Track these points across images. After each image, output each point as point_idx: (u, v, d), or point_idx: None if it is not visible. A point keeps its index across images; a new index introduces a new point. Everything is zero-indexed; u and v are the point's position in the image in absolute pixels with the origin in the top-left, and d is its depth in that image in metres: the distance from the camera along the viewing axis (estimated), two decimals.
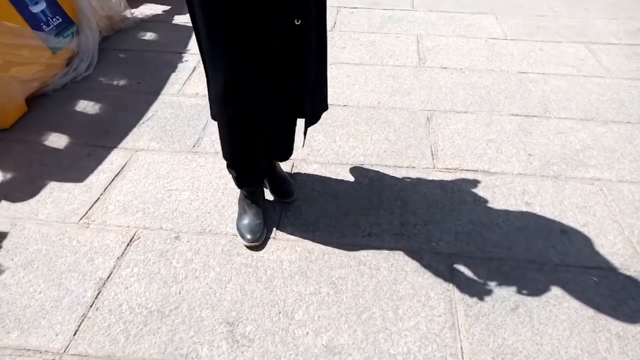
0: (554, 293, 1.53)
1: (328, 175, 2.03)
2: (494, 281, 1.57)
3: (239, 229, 1.73)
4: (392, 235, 1.74)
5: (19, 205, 1.87)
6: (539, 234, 1.75)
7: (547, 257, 1.66)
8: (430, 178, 2.01)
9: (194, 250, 1.68)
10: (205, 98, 2.51)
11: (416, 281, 1.57)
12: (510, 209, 1.86)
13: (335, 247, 1.69)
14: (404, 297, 1.52)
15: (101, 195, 1.91)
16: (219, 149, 1.66)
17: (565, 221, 1.80)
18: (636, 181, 1.99)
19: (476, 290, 1.54)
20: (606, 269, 1.62)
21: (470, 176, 2.02)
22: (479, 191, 1.94)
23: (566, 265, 1.63)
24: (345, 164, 2.09)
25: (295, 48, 1.42)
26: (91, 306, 1.48)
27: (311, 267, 1.61)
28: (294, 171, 2.06)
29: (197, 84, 2.66)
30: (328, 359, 1.35)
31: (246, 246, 1.69)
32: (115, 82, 2.70)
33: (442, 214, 1.84)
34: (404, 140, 2.23)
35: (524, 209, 1.86)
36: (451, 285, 1.56)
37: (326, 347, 1.38)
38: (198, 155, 2.13)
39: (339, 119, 2.37)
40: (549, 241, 1.72)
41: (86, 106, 2.49)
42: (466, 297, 1.52)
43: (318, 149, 2.18)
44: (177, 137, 2.25)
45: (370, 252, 1.67)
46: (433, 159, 2.12)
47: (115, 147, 2.18)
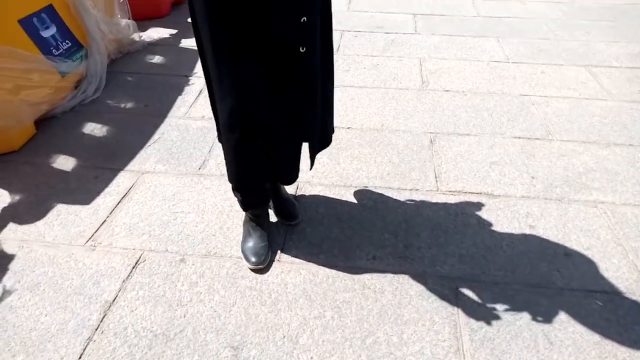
0: (558, 317, 1.53)
1: (332, 197, 2.05)
2: (498, 305, 1.57)
3: (243, 251, 1.74)
4: (396, 258, 1.74)
5: (26, 227, 1.89)
6: (543, 257, 1.75)
7: (551, 280, 1.66)
8: (434, 200, 2.02)
9: (199, 273, 1.69)
10: (211, 121, 2.55)
11: (421, 305, 1.57)
12: (514, 231, 1.86)
13: (340, 270, 1.70)
14: (408, 321, 1.52)
15: (108, 217, 1.93)
16: (225, 171, 1.68)
17: (569, 244, 1.81)
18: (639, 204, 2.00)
19: (481, 315, 1.54)
20: (611, 292, 1.62)
21: (474, 199, 2.03)
22: (483, 214, 1.95)
23: (570, 289, 1.63)
24: (349, 186, 2.11)
25: (301, 75, 1.46)
26: (96, 329, 1.49)
27: (315, 291, 1.62)
28: (299, 193, 2.07)
29: (203, 107, 2.70)
30: None
31: (251, 269, 1.70)
32: (123, 105, 2.75)
33: (446, 236, 1.84)
34: (407, 163, 2.25)
35: (527, 231, 1.86)
36: (456, 309, 1.56)
37: None
38: (204, 177, 2.16)
39: (343, 141, 2.40)
40: (553, 264, 1.72)
41: (94, 129, 2.53)
42: (471, 321, 1.52)
43: (322, 171, 2.20)
44: (183, 159, 2.28)
45: (375, 275, 1.68)
46: (436, 181, 2.13)
47: (122, 169, 2.21)
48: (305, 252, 1.77)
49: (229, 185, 1.73)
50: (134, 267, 1.71)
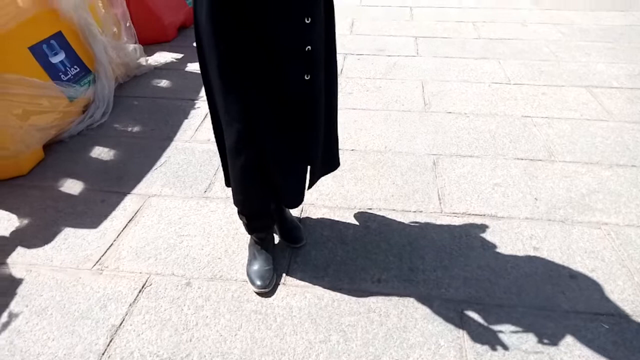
0: (565, 341, 1.53)
1: (337, 220, 2.06)
2: (504, 328, 1.57)
3: (249, 275, 1.75)
4: (401, 281, 1.75)
5: (34, 251, 1.91)
6: (548, 279, 1.76)
7: (557, 303, 1.66)
8: (438, 223, 2.04)
9: (204, 297, 1.69)
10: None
11: (426, 328, 1.57)
12: (518, 254, 1.87)
13: (345, 293, 1.70)
14: (414, 345, 1.52)
15: (114, 241, 1.95)
16: (230, 194, 1.70)
17: (573, 266, 1.81)
18: None
19: (486, 338, 1.54)
20: (617, 315, 1.62)
21: (478, 221, 2.04)
22: (487, 236, 1.96)
23: (576, 312, 1.63)
24: (353, 208, 2.13)
25: (305, 101, 1.49)
26: (103, 354, 1.49)
27: (321, 314, 1.62)
28: (303, 215, 2.09)
29: (208, 130, 2.74)
30: None
31: (256, 292, 1.71)
32: (130, 129, 2.79)
33: (451, 259, 1.85)
34: (411, 185, 2.27)
35: (532, 253, 1.87)
36: (461, 332, 1.56)
37: None
38: (209, 200, 2.18)
39: (347, 163, 2.42)
40: (558, 287, 1.72)
41: (101, 152, 2.57)
42: (477, 345, 1.51)
43: (327, 193, 2.22)
44: (189, 182, 2.30)
45: (380, 298, 1.68)
46: (440, 203, 2.15)
47: (129, 192, 2.23)
48: (310, 275, 1.78)
49: (235, 208, 1.75)
50: (140, 291, 1.72)
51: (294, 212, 2.06)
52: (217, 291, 1.72)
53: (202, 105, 3.02)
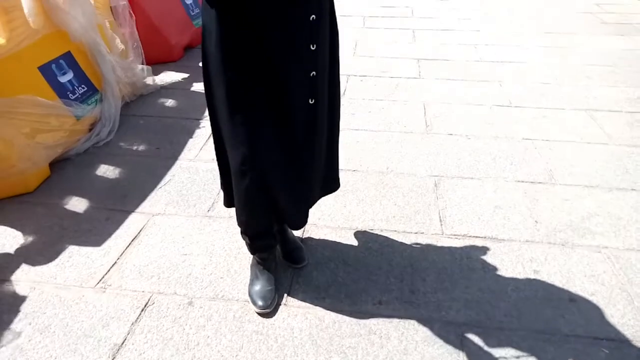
0: None
1: (338, 240, 2.08)
2: (504, 352, 1.57)
3: (250, 295, 1.77)
4: (402, 303, 1.76)
5: (38, 268, 1.93)
6: (548, 302, 1.76)
7: (557, 327, 1.67)
8: (439, 244, 2.05)
9: (206, 316, 1.71)
10: None
11: (426, 351, 1.58)
12: (519, 276, 1.88)
13: (346, 314, 1.71)
14: None
15: (118, 259, 1.97)
16: (233, 213, 1.73)
17: (573, 290, 1.82)
18: None
19: None
20: (617, 340, 1.62)
21: (479, 243, 2.06)
22: (488, 258, 1.97)
23: (576, 336, 1.63)
24: (355, 228, 2.15)
25: (309, 124, 1.53)
26: None
27: (322, 336, 1.63)
28: (305, 235, 2.11)
29: (213, 150, 2.75)
30: None
31: (257, 313, 1.72)
32: (135, 147, 2.83)
33: (452, 281, 1.86)
34: (412, 206, 2.29)
35: (532, 276, 1.88)
36: (462, 354, 1.57)
37: None
38: (212, 219, 2.20)
39: (349, 183, 2.45)
40: (558, 310, 1.73)
41: (106, 170, 2.60)
42: None
43: (329, 213, 2.24)
44: (193, 201, 2.33)
45: (381, 320, 1.69)
46: (441, 224, 2.17)
47: (133, 211, 2.26)
48: (311, 296, 1.79)
49: (237, 227, 1.77)
50: (142, 310, 1.73)
51: (296, 232, 2.08)
52: (219, 311, 1.73)
53: (206, 125, 3.06)
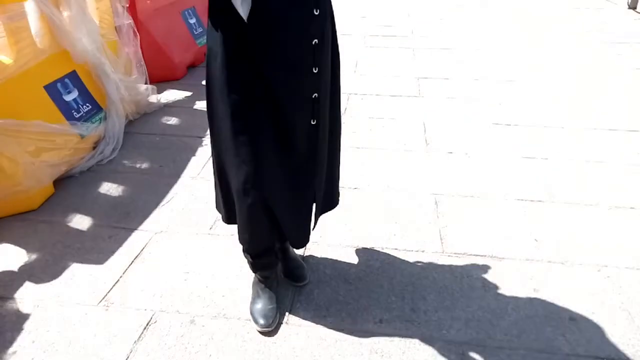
0: None
1: (339, 259, 2.09)
2: None
3: (252, 313, 1.77)
4: (403, 322, 1.77)
5: (42, 286, 1.94)
6: (548, 321, 1.77)
7: (557, 346, 1.67)
8: (440, 263, 2.06)
9: (208, 335, 1.71)
10: None
11: None
12: (519, 295, 1.89)
13: (347, 333, 1.72)
14: None
15: (121, 277, 1.98)
16: (235, 231, 1.74)
17: (573, 308, 1.83)
18: None
19: None
20: (618, 359, 1.62)
21: (479, 261, 2.07)
22: (488, 277, 1.98)
23: (577, 355, 1.64)
24: (356, 246, 2.16)
25: (310, 144, 1.56)
26: None
27: (323, 355, 1.64)
28: (307, 254, 2.12)
29: None
30: None
31: (259, 331, 1.73)
32: (138, 165, 2.86)
33: (452, 300, 1.87)
34: (412, 224, 2.31)
35: (532, 295, 1.89)
36: None
37: None
38: (214, 237, 2.22)
39: (349, 201, 2.47)
40: (558, 329, 1.74)
41: (110, 188, 2.63)
42: None
43: (330, 231, 2.26)
44: (195, 219, 2.35)
45: (382, 339, 1.70)
46: (441, 243, 2.18)
47: (136, 229, 2.28)
48: (312, 315, 1.80)
49: (239, 245, 1.79)
50: (145, 328, 1.74)
51: (298, 251, 2.10)
52: (220, 329, 1.74)
53: (209, 143, 3.08)
